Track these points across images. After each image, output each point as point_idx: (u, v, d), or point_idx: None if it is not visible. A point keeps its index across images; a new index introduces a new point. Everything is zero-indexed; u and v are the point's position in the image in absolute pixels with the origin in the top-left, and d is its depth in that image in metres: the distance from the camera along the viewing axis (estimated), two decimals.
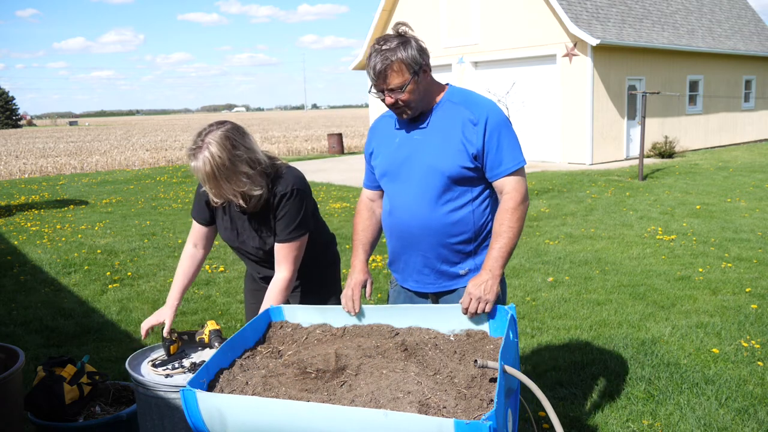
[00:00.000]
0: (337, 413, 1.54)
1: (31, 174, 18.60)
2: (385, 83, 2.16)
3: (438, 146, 2.22)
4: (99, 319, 5.06)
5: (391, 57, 2.12)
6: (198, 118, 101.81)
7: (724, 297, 5.13)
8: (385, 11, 19.26)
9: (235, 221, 2.54)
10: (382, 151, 2.37)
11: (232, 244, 2.60)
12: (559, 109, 15.84)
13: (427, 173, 2.22)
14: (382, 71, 2.13)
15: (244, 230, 2.53)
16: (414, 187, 2.25)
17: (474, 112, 2.20)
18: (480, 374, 1.78)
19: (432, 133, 2.25)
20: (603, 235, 7.64)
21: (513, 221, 2.17)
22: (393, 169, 2.31)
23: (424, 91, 2.21)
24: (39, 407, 2.82)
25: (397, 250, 2.39)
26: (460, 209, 2.24)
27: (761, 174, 12.75)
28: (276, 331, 2.21)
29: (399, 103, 2.19)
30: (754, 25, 22.64)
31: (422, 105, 2.24)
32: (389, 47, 2.13)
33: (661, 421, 3.18)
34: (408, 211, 2.27)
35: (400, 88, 2.15)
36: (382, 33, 21.22)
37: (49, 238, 8.49)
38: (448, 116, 2.24)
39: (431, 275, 2.34)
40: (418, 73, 2.16)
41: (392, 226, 2.36)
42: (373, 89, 2.22)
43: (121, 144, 30.68)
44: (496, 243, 2.16)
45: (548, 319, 4.73)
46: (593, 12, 15.89)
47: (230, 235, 2.57)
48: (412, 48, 2.14)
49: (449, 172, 2.20)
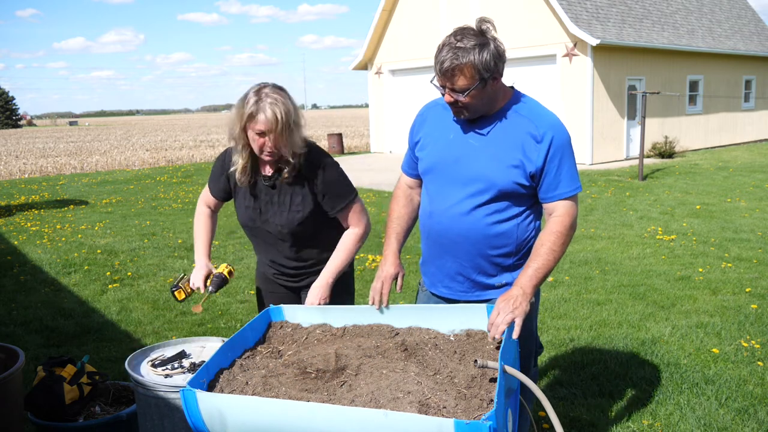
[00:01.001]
0: (337, 413, 1.54)
1: (31, 174, 18.60)
2: (449, 82, 2.02)
3: (494, 156, 2.10)
4: (99, 319, 5.06)
5: (463, 58, 1.97)
6: (198, 118, 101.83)
7: (724, 297, 5.13)
8: (385, 11, 19.26)
9: (259, 199, 2.51)
10: (431, 143, 2.24)
11: (251, 224, 2.56)
12: (559, 109, 15.83)
13: (477, 181, 2.11)
14: (449, 70, 1.99)
15: (270, 206, 2.50)
16: (460, 193, 2.14)
17: (539, 128, 2.08)
18: (480, 374, 1.78)
19: (491, 142, 2.13)
20: (603, 235, 7.64)
21: (557, 245, 2.07)
22: (441, 168, 2.19)
23: (488, 98, 2.08)
24: (39, 407, 2.82)
25: (432, 254, 2.30)
26: (505, 222, 2.14)
27: (761, 174, 12.75)
28: (276, 331, 2.21)
29: (458, 104, 2.07)
30: (754, 25, 22.64)
31: (483, 110, 2.11)
32: (464, 46, 1.97)
33: (661, 421, 3.18)
34: (450, 217, 2.17)
35: (463, 92, 2.02)
36: (382, 33, 20.94)
37: (49, 238, 8.49)
38: (510, 127, 2.12)
39: (465, 283, 2.25)
40: (487, 81, 2.02)
41: (431, 230, 2.26)
42: (436, 81, 2.08)
43: (121, 144, 30.68)
44: (533, 262, 2.06)
45: (548, 319, 4.73)
46: (593, 12, 15.89)
47: (251, 215, 2.54)
48: (489, 52, 1.99)
49: (501, 185, 2.09)
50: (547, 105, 2.30)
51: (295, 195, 2.47)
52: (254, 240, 2.67)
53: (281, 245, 2.57)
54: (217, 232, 2.72)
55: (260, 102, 2.28)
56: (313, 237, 2.55)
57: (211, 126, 54.51)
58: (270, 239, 2.57)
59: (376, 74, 20.42)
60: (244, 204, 2.56)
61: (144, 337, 4.60)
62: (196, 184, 14.36)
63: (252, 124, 2.30)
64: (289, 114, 2.30)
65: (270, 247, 2.61)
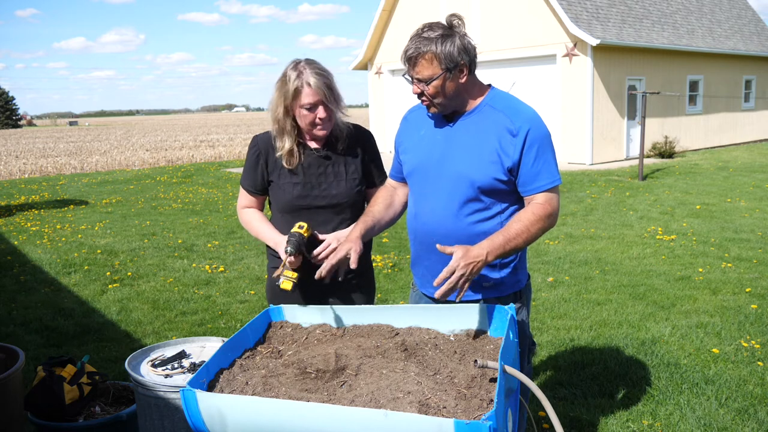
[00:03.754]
0: (337, 413, 1.54)
1: (31, 174, 18.60)
2: (413, 71, 2.08)
3: (471, 154, 2.12)
4: (99, 319, 5.06)
5: (425, 47, 2.03)
6: (198, 118, 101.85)
7: (724, 297, 5.13)
8: (385, 11, 19.26)
9: (310, 173, 2.44)
10: (413, 146, 2.28)
11: (301, 202, 2.43)
12: (559, 109, 15.84)
13: (456, 180, 2.13)
14: (412, 58, 2.06)
15: (324, 178, 2.44)
16: (441, 193, 2.16)
17: (515, 122, 2.08)
18: (480, 374, 1.78)
19: (465, 138, 2.14)
20: (603, 235, 7.64)
21: (534, 226, 2.05)
22: (423, 169, 2.22)
23: (456, 91, 2.10)
24: (39, 407, 2.82)
25: (420, 255, 2.32)
26: (488, 221, 2.15)
27: (761, 174, 12.75)
28: (276, 331, 2.21)
29: (424, 95, 2.11)
30: (754, 25, 22.64)
31: (454, 104, 2.14)
32: (428, 36, 2.04)
33: (661, 421, 3.18)
34: (433, 218, 2.19)
35: (427, 81, 2.06)
36: (382, 33, 21.08)
37: (49, 238, 8.49)
38: (485, 122, 2.12)
39: None
40: (452, 71, 2.05)
41: (416, 230, 2.28)
42: (406, 73, 2.14)
43: (121, 144, 30.67)
44: (504, 233, 2.02)
45: (548, 319, 4.73)
46: (593, 12, 15.89)
47: (301, 192, 2.43)
48: (453, 44, 2.03)
49: (480, 182, 2.10)
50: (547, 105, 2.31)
51: (348, 164, 2.47)
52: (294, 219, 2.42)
53: (329, 223, 2.46)
54: (217, 233, 2.70)
55: (302, 75, 2.28)
56: (361, 211, 2.48)
57: (211, 126, 54.52)
58: (320, 216, 2.45)
59: (376, 74, 20.42)
60: (291, 181, 2.45)
61: (144, 337, 4.60)
62: (196, 184, 14.36)
63: (300, 99, 2.28)
64: (333, 80, 2.32)
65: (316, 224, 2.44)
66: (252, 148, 2.52)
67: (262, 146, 2.49)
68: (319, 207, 2.45)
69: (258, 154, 2.50)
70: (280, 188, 2.48)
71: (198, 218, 9.75)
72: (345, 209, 2.47)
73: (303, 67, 2.30)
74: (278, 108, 2.33)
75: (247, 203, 2.59)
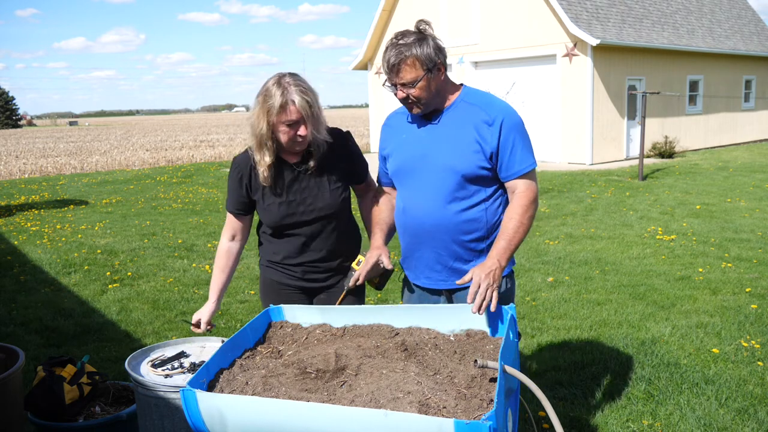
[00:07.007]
0: (337, 413, 1.54)
1: (31, 174, 18.60)
2: (397, 77, 2.19)
3: (453, 145, 2.24)
4: (99, 319, 5.06)
5: (406, 52, 2.16)
6: (198, 118, 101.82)
7: (724, 297, 5.13)
8: (385, 11, 19.25)
9: (293, 190, 2.44)
10: (397, 148, 2.40)
11: (289, 220, 2.45)
12: (559, 109, 15.84)
13: (441, 172, 2.25)
14: (396, 65, 2.17)
15: (309, 192, 2.44)
16: (428, 186, 2.28)
17: (489, 113, 2.23)
18: (480, 374, 1.78)
19: (445, 132, 2.27)
20: (603, 235, 7.64)
21: (524, 218, 2.21)
22: (408, 167, 2.34)
23: (437, 89, 2.24)
24: (39, 407, 2.82)
25: (410, 247, 2.41)
26: (473, 207, 2.27)
27: (761, 174, 12.75)
28: (276, 331, 2.21)
29: (410, 99, 2.23)
30: (754, 25, 22.64)
31: (435, 103, 2.27)
32: (405, 42, 2.17)
33: (661, 421, 3.18)
34: (422, 209, 2.30)
35: (412, 84, 2.18)
36: (382, 33, 21.08)
37: (49, 238, 8.49)
38: (462, 116, 2.26)
39: (443, 272, 2.35)
40: (432, 71, 2.19)
41: (406, 224, 2.38)
42: (387, 83, 2.25)
43: (121, 144, 30.67)
44: (504, 236, 2.19)
45: (548, 319, 4.73)
46: (593, 12, 15.89)
47: (287, 210, 2.44)
48: (429, 45, 2.18)
49: (464, 171, 2.23)
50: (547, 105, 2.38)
51: (329, 173, 2.47)
52: (283, 243, 2.52)
53: (320, 234, 2.48)
54: (217, 233, 2.70)
55: (287, 93, 2.26)
56: (349, 221, 2.58)
57: (211, 126, 54.51)
58: (307, 231, 2.48)
59: (376, 74, 20.41)
60: (276, 201, 2.45)
61: (144, 337, 4.60)
62: (196, 184, 14.36)
63: (283, 116, 2.27)
64: (317, 99, 2.33)
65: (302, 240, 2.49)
66: (234, 170, 2.52)
67: (243, 167, 2.49)
68: (307, 222, 2.47)
69: (241, 176, 2.50)
70: (265, 209, 2.50)
71: (198, 218, 9.75)
72: (333, 219, 2.50)
73: (288, 83, 2.28)
74: (260, 123, 2.31)
75: (230, 231, 2.60)
